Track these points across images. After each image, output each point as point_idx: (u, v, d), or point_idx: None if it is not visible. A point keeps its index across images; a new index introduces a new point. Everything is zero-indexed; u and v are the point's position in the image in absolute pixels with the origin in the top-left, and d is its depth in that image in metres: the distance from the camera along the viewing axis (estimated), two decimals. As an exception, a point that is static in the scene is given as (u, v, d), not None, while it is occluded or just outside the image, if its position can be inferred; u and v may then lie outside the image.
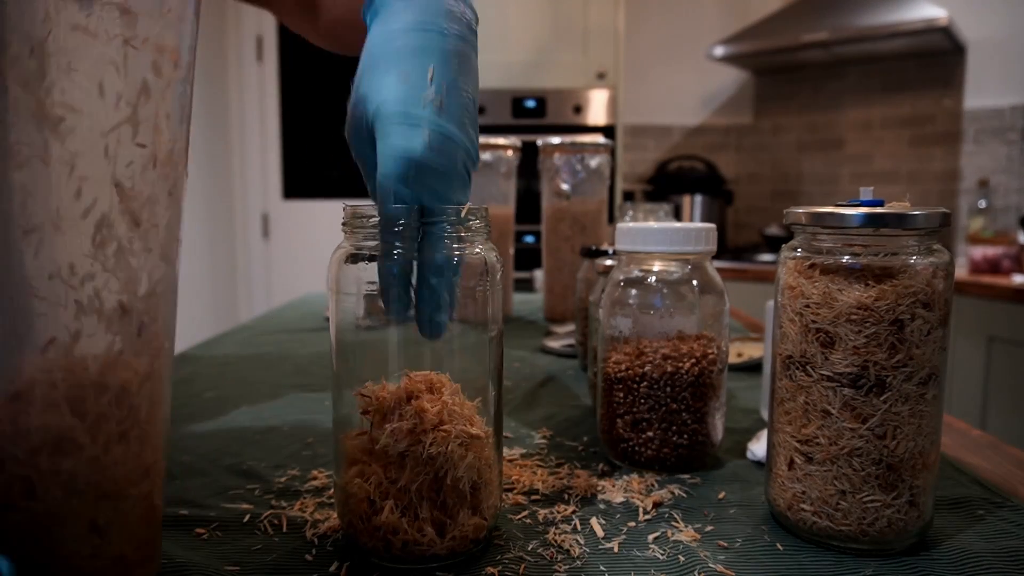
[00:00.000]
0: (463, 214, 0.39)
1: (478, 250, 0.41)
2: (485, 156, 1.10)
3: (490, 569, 0.40)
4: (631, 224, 0.55)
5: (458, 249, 0.39)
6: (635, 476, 0.53)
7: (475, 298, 0.41)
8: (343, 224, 0.40)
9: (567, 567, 0.40)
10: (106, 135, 0.30)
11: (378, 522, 0.39)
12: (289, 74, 3.20)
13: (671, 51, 3.02)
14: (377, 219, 0.38)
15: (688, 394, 0.53)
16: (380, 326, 0.41)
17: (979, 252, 2.17)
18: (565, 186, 1.13)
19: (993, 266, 2.12)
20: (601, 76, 2.56)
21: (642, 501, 0.48)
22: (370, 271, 0.39)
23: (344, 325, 0.41)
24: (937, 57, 2.59)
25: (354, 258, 0.40)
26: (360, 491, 0.39)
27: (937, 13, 2.26)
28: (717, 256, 0.56)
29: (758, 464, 0.56)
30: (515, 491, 0.50)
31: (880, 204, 0.41)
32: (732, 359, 0.87)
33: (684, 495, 0.50)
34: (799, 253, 0.44)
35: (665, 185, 2.93)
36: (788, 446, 0.44)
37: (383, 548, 0.39)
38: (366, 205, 0.40)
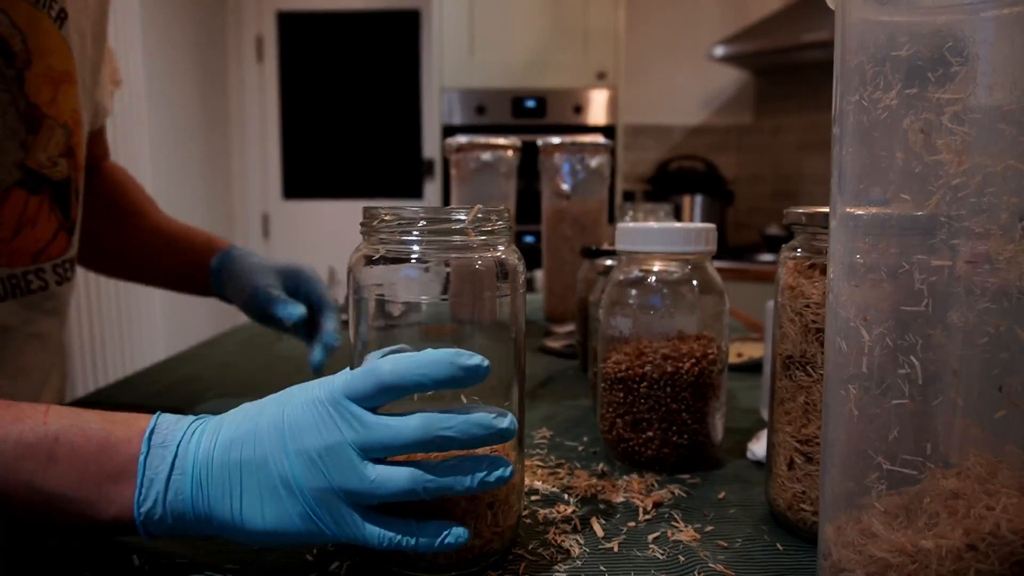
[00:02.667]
0: (476, 214, 0.39)
1: (500, 252, 0.40)
2: (485, 156, 1.10)
3: (490, 573, 0.40)
4: (631, 224, 0.55)
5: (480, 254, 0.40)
6: (635, 476, 0.53)
7: (497, 302, 0.41)
8: (361, 226, 0.40)
9: (567, 567, 0.40)
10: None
11: None
12: (289, 74, 3.20)
13: (671, 51, 3.02)
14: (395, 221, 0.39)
15: (688, 394, 0.53)
16: (400, 326, 0.40)
17: None
18: (565, 186, 1.13)
19: None
20: (601, 76, 2.56)
21: (642, 501, 0.48)
22: (384, 273, 0.39)
23: (361, 328, 0.41)
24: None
25: (371, 260, 0.40)
26: None
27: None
28: (717, 256, 0.56)
29: (758, 464, 0.56)
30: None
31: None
32: (732, 359, 0.87)
33: (684, 495, 0.50)
34: (799, 253, 0.44)
35: (665, 185, 2.93)
36: (788, 446, 0.44)
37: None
38: (382, 207, 0.40)
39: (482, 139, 1.11)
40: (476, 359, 0.35)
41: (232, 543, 0.42)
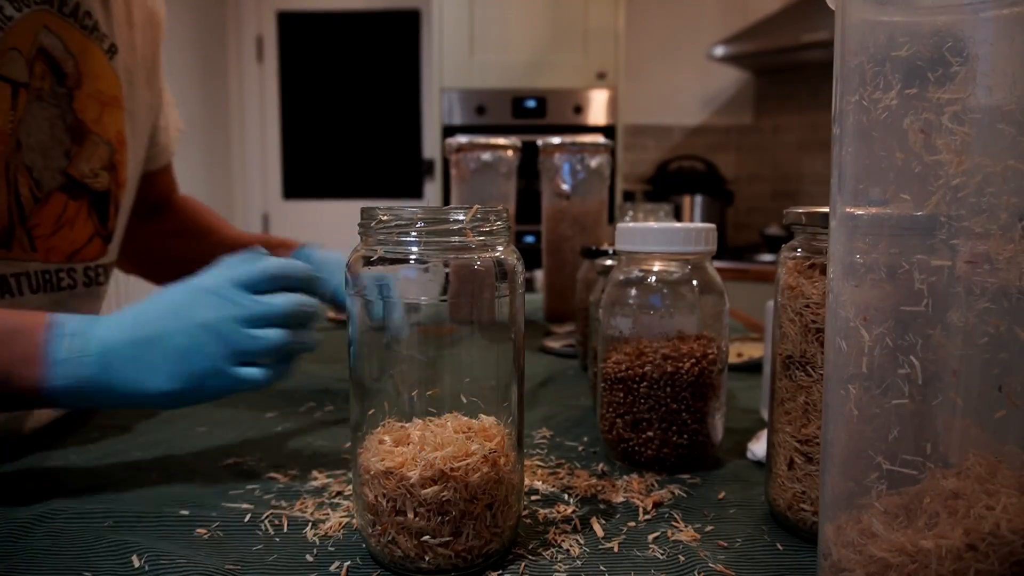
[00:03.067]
0: (474, 214, 0.39)
1: (499, 252, 0.40)
2: (485, 156, 1.10)
3: (490, 573, 0.40)
4: (631, 224, 0.55)
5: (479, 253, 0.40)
6: (635, 476, 0.53)
7: (496, 302, 0.41)
8: (359, 226, 0.40)
9: (567, 567, 0.40)
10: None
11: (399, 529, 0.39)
12: (289, 74, 3.20)
13: (671, 51, 3.02)
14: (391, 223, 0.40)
15: (688, 394, 0.53)
16: (399, 328, 0.40)
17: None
18: (565, 186, 1.13)
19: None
20: (601, 76, 2.56)
21: (642, 501, 0.48)
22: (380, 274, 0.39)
23: (361, 327, 0.41)
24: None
25: (369, 261, 0.40)
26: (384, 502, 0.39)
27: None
28: (717, 256, 0.56)
29: (758, 464, 0.56)
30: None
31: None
32: (732, 359, 0.87)
33: (684, 495, 0.50)
34: (799, 253, 0.44)
35: (665, 185, 2.93)
36: (788, 446, 0.44)
37: (393, 557, 0.39)
38: (380, 207, 0.40)
39: (482, 139, 1.11)
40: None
41: (232, 543, 0.42)
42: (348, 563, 0.40)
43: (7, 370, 0.46)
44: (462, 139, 1.12)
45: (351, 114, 3.21)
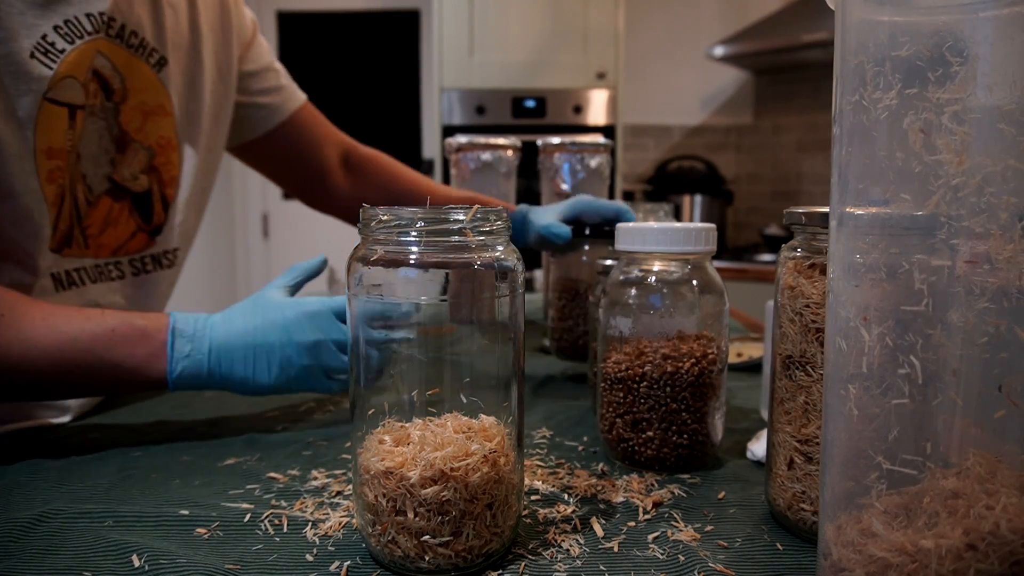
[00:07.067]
0: (474, 214, 0.39)
1: (498, 253, 0.40)
2: (485, 156, 1.10)
3: (490, 573, 0.40)
4: (631, 224, 0.55)
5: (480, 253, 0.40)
6: (635, 476, 0.53)
7: (496, 302, 0.41)
8: (360, 226, 0.40)
9: (567, 567, 0.40)
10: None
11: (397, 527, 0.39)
12: (289, 74, 3.20)
13: (671, 51, 3.02)
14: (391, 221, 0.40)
15: (688, 394, 0.53)
16: (399, 327, 0.40)
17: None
18: (565, 186, 1.13)
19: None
20: (601, 76, 2.56)
21: (642, 501, 0.48)
22: (382, 273, 0.39)
23: (359, 326, 0.41)
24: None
25: (369, 261, 0.40)
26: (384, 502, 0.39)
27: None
28: (717, 256, 0.56)
29: (758, 464, 0.56)
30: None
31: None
32: (732, 359, 0.87)
33: (684, 495, 0.50)
34: (799, 253, 0.44)
35: (665, 185, 2.93)
36: (788, 446, 0.44)
37: (393, 557, 0.39)
38: (380, 207, 0.40)
39: (482, 139, 1.11)
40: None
41: (232, 543, 0.42)
42: (348, 563, 0.40)
43: (143, 363, 0.58)
44: (462, 139, 1.12)
45: (351, 114, 3.20)
